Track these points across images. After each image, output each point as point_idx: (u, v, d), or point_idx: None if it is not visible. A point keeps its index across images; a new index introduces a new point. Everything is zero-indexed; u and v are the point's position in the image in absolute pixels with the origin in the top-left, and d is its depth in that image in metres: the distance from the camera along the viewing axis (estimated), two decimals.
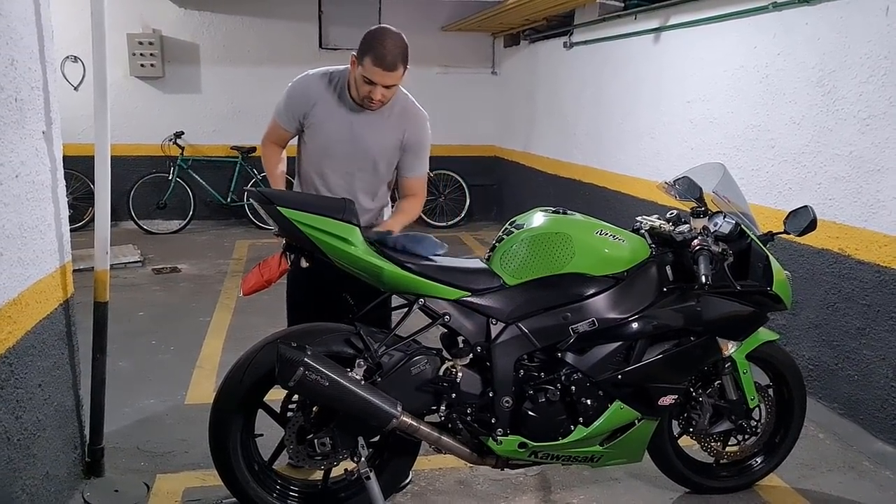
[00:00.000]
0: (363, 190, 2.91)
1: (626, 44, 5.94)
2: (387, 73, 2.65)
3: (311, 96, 2.84)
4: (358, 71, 2.68)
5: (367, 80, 2.67)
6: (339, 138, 2.83)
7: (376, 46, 2.64)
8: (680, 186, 2.80)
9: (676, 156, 5.14)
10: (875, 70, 3.45)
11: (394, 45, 2.66)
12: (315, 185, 2.92)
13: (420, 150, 2.93)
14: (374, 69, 2.63)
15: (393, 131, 2.86)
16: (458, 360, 2.54)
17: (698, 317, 2.64)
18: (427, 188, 3.15)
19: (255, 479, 2.56)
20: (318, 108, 2.82)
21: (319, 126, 2.84)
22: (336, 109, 2.82)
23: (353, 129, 2.82)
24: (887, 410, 3.39)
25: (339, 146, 2.84)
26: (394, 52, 2.65)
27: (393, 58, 2.64)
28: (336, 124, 2.82)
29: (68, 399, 2.81)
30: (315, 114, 2.83)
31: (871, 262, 3.47)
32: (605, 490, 3.05)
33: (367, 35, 2.70)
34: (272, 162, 3.00)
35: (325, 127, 2.83)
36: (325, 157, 2.88)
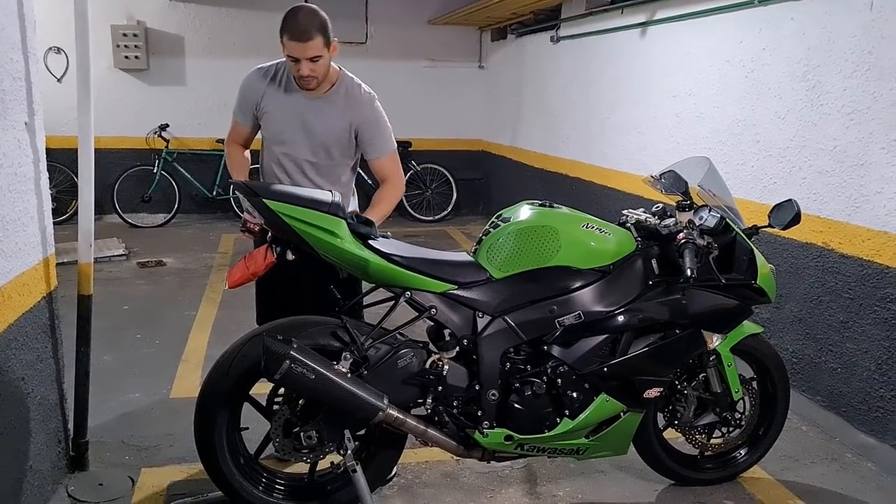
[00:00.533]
0: (321, 176, 2.93)
1: (613, 38, 5.95)
2: (302, 45, 2.65)
3: (259, 88, 2.89)
4: (284, 54, 2.74)
5: (292, 59, 2.70)
6: (289, 126, 2.88)
7: (288, 21, 2.67)
8: (666, 180, 2.81)
9: (662, 150, 5.16)
10: (859, 65, 3.47)
11: (304, 16, 2.67)
12: (274, 173, 2.96)
13: (373, 129, 2.92)
14: (291, 44, 2.66)
15: (340, 115, 2.87)
16: (445, 353, 2.55)
17: (683, 310, 2.65)
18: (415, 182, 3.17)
19: (240, 473, 2.56)
20: (268, 98, 2.88)
21: (271, 115, 2.89)
22: (285, 98, 2.87)
23: (302, 116, 2.86)
24: (869, 403, 3.42)
25: (290, 133, 2.88)
26: (304, 22, 2.66)
27: (304, 27, 2.65)
28: (285, 112, 2.87)
29: (52, 393, 2.79)
30: (265, 104, 2.89)
31: (855, 255, 3.50)
32: (590, 482, 3.06)
33: (283, 15, 2.73)
34: (233, 162, 3.04)
35: (275, 115, 2.89)
36: (278, 145, 2.92)
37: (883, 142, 3.33)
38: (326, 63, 2.79)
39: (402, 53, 8.92)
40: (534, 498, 2.94)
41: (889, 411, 3.32)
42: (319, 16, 2.71)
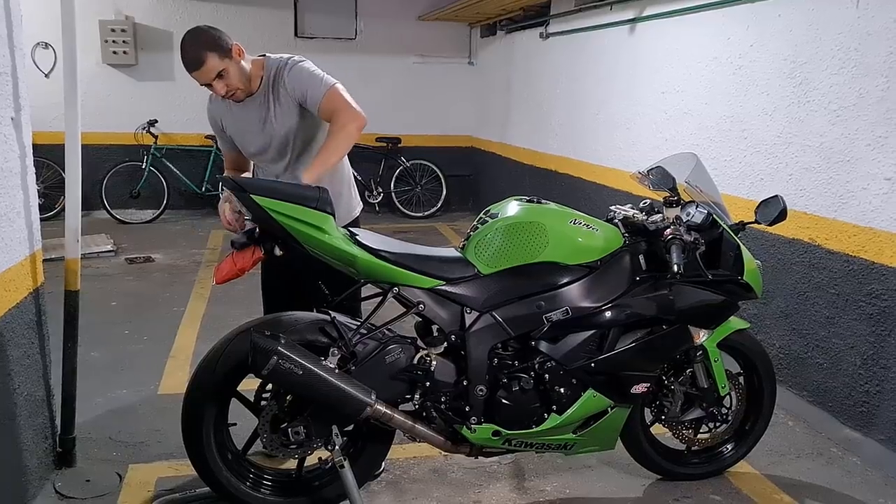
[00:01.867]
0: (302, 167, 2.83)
1: (602, 34, 5.96)
2: (199, 73, 2.66)
3: (217, 113, 2.94)
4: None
5: (202, 84, 2.72)
6: (250, 136, 2.88)
7: (181, 56, 2.68)
8: (653, 176, 2.82)
9: (650, 146, 5.18)
10: (846, 62, 3.49)
11: (189, 45, 2.65)
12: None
13: (309, 88, 2.75)
14: (193, 75, 2.69)
15: (283, 103, 2.81)
16: (433, 349, 2.55)
17: (670, 305, 2.67)
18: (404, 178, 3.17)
19: (228, 469, 2.55)
20: (225, 120, 2.92)
21: (234, 135, 2.93)
22: (237, 114, 2.87)
23: (254, 122, 2.84)
24: (855, 398, 3.45)
25: (254, 142, 2.88)
26: (190, 51, 2.65)
27: (192, 56, 2.64)
28: (241, 126, 2.88)
29: (38, 389, 2.78)
30: (226, 126, 2.94)
31: (841, 251, 3.52)
32: (578, 477, 3.07)
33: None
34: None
35: (236, 133, 2.92)
36: (253, 157, 2.97)
37: (868, 138, 3.36)
38: (237, 71, 2.72)
39: (391, 49, 8.91)
40: (521, 493, 2.95)
41: (874, 406, 3.34)
42: (202, 35, 2.67)
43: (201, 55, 2.63)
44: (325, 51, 8.69)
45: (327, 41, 8.75)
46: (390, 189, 8.83)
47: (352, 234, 2.48)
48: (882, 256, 3.28)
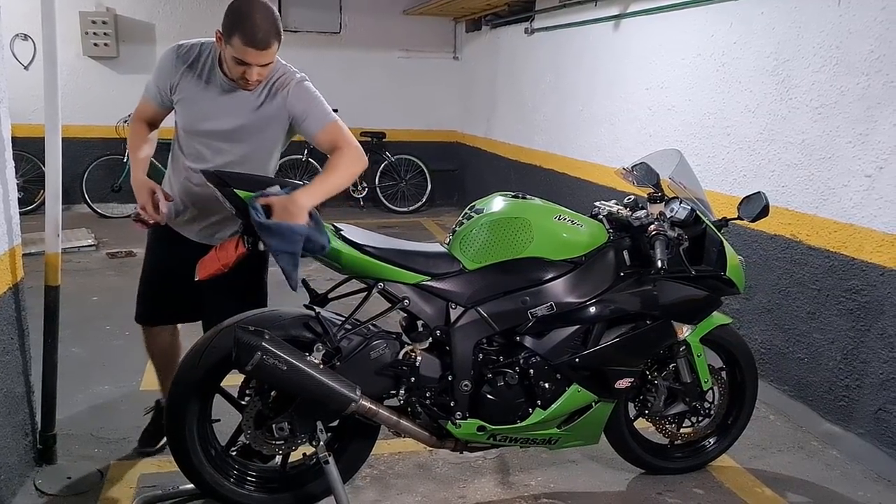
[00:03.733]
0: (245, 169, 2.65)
1: (587, 30, 5.97)
2: (260, 53, 2.40)
3: (177, 68, 2.59)
4: (227, 52, 2.42)
5: (240, 62, 2.41)
6: (210, 119, 2.60)
7: (244, 24, 2.36)
8: (637, 172, 2.83)
9: (635, 142, 5.20)
10: (827, 60, 3.52)
11: (264, 19, 2.38)
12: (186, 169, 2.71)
13: (312, 111, 2.59)
14: (246, 50, 2.37)
15: (272, 112, 2.59)
16: (418, 345, 2.55)
17: (654, 301, 2.68)
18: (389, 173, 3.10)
19: (211, 465, 2.54)
20: (185, 82, 2.58)
21: (188, 103, 2.61)
22: (206, 86, 2.58)
23: (225, 109, 2.57)
24: (835, 392, 3.48)
25: (210, 126, 2.61)
26: (265, 27, 2.38)
27: (265, 35, 2.38)
28: (207, 103, 2.58)
29: (18, 385, 2.75)
30: (182, 88, 2.59)
31: (822, 247, 3.55)
32: (562, 472, 3.09)
33: (231, 9, 2.41)
34: (135, 142, 2.73)
35: (193, 105, 2.60)
36: (195, 138, 2.66)
37: (849, 136, 3.39)
38: (274, 65, 2.56)
39: (376, 44, 8.88)
40: (506, 488, 2.96)
41: (853, 400, 3.38)
42: (275, 16, 2.44)
43: (272, 40, 2.40)
44: (309, 45, 8.64)
45: (311, 35, 8.70)
46: (375, 184, 8.80)
47: (336, 230, 2.47)
48: (862, 252, 3.31)
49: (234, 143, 2.62)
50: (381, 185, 8.83)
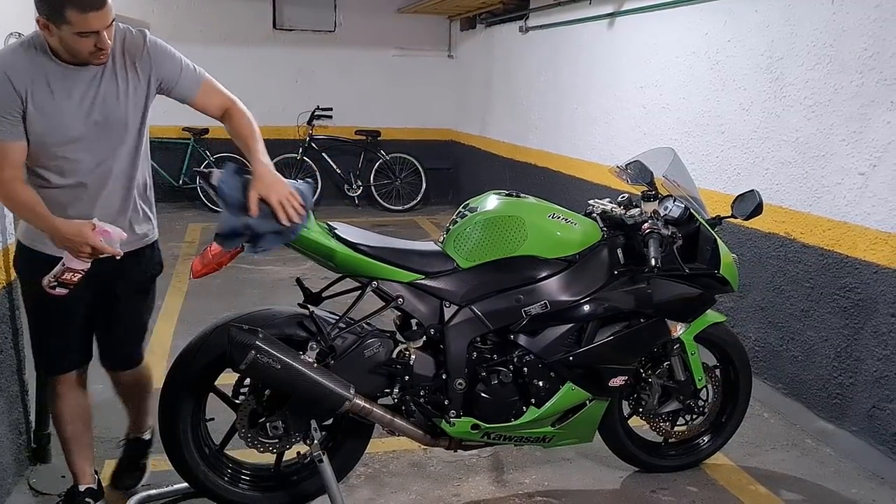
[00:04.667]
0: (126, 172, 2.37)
1: (581, 29, 5.97)
2: (102, 13, 2.05)
3: (20, 82, 2.12)
4: (63, 32, 2.04)
5: (84, 34, 2.05)
6: (74, 116, 2.19)
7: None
8: (631, 171, 2.84)
9: (629, 140, 5.20)
10: (821, 58, 3.53)
11: None
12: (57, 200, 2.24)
13: (182, 71, 2.35)
14: (87, 16, 2.02)
15: (133, 79, 2.26)
16: (412, 343, 2.55)
17: (648, 299, 2.68)
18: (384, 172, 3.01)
19: (205, 464, 2.54)
20: (36, 91, 2.14)
21: (41, 116, 2.15)
22: (53, 86, 2.15)
23: (83, 100, 2.19)
24: (829, 390, 3.49)
25: (77, 124, 2.20)
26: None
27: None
28: (65, 103, 2.17)
29: (12, 384, 2.75)
30: (35, 100, 2.13)
31: (816, 245, 3.56)
32: (556, 470, 3.09)
33: None
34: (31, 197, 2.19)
35: (53, 111, 2.16)
36: (60, 158, 2.22)
37: (843, 133, 3.40)
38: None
39: (371, 42, 8.87)
40: (500, 486, 2.96)
41: (847, 398, 3.39)
42: None
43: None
44: (303, 43, 8.64)
45: (306, 34, 8.69)
46: (370, 182, 8.80)
47: (330, 228, 2.47)
48: (856, 250, 3.32)
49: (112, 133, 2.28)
50: (375, 184, 8.83)
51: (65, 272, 2.18)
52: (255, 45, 8.49)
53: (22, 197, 2.18)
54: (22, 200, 2.18)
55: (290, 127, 8.57)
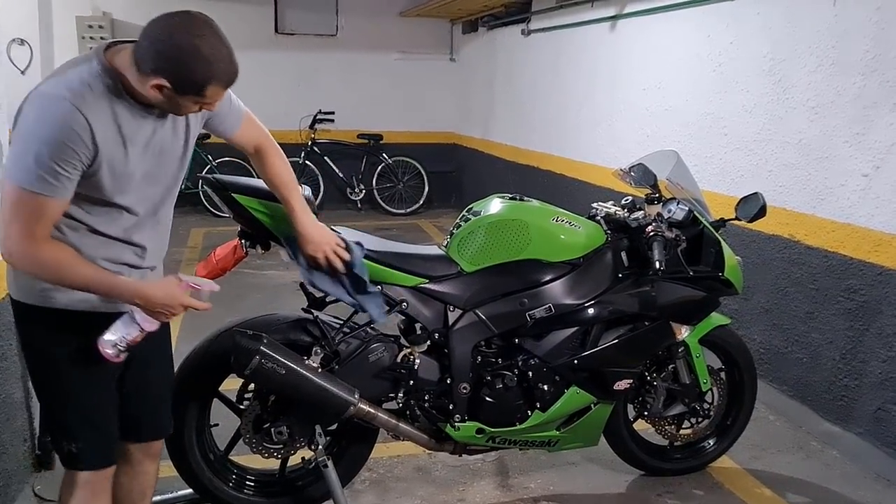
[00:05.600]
0: (167, 213, 2.09)
1: (584, 31, 5.97)
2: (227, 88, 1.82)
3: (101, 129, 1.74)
4: (184, 100, 1.77)
5: (206, 104, 1.81)
6: (136, 169, 1.86)
7: (216, 65, 1.73)
8: (635, 173, 2.83)
9: (632, 143, 5.20)
10: (823, 59, 3.52)
11: (225, 46, 1.77)
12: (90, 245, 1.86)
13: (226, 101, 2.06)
14: (218, 90, 1.78)
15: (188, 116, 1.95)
16: (416, 347, 2.55)
17: (653, 302, 2.68)
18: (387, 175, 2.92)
19: (210, 470, 2.54)
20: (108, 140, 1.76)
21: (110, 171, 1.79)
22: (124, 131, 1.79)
23: (147, 146, 1.87)
24: (834, 392, 3.48)
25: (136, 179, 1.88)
26: (232, 56, 1.78)
27: (234, 68, 1.78)
28: (131, 152, 1.82)
29: (16, 390, 2.74)
30: (106, 154, 1.76)
31: (820, 247, 3.55)
32: (561, 474, 3.08)
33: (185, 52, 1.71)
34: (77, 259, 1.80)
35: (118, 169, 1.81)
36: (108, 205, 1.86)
37: (846, 135, 3.39)
38: None
39: (373, 46, 8.88)
40: (505, 490, 2.96)
41: (853, 400, 3.38)
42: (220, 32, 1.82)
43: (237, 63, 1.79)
44: (306, 47, 8.65)
45: (308, 38, 8.70)
46: (372, 186, 8.80)
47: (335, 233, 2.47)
48: (860, 252, 3.32)
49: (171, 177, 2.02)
50: (378, 187, 8.83)
51: (138, 336, 1.88)
52: (258, 50, 8.49)
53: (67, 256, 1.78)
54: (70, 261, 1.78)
55: (292, 131, 8.58)
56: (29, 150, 1.66)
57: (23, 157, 1.67)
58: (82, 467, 1.99)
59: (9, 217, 1.70)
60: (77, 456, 1.97)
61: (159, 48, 1.71)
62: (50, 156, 1.66)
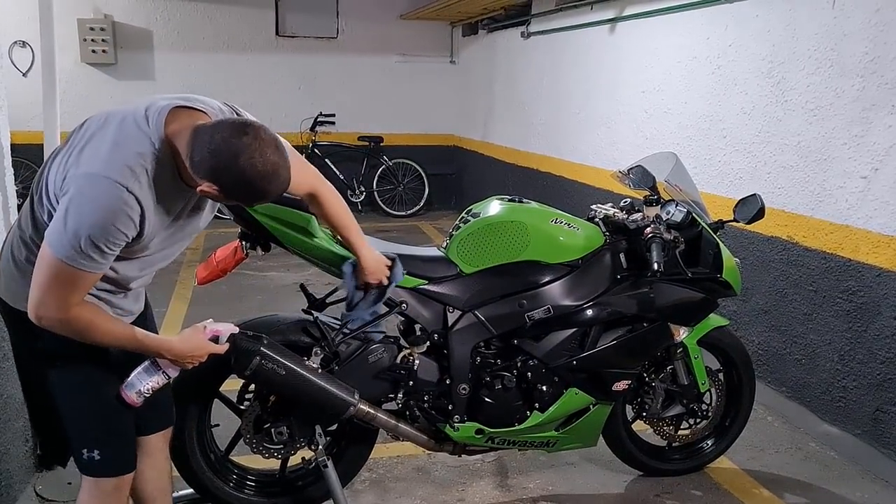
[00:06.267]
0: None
1: (583, 34, 5.99)
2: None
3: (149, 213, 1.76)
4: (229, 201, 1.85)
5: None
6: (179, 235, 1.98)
7: (271, 188, 1.74)
8: (634, 175, 2.84)
9: (631, 145, 5.21)
10: (822, 62, 3.54)
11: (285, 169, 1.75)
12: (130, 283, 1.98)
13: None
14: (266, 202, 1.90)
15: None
16: (416, 348, 2.56)
17: (651, 303, 2.69)
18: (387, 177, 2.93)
19: (211, 470, 2.55)
20: (150, 216, 1.78)
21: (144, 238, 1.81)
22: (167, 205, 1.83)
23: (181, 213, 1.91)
24: (832, 393, 3.49)
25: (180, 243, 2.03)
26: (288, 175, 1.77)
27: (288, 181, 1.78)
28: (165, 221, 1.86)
29: (17, 391, 2.75)
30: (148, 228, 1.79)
31: (818, 249, 3.56)
32: (560, 474, 3.09)
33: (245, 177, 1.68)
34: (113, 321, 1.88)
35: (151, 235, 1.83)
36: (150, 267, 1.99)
37: (845, 137, 3.40)
38: None
39: (373, 48, 8.89)
40: (505, 490, 2.97)
41: (851, 401, 3.39)
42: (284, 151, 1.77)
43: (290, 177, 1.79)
44: (306, 50, 8.66)
45: (309, 40, 8.71)
46: (373, 188, 8.81)
47: (334, 234, 2.48)
48: (858, 254, 3.33)
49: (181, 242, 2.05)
50: (378, 190, 8.84)
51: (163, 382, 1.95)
52: (258, 52, 8.52)
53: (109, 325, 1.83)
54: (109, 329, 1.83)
55: (293, 133, 8.58)
56: (80, 230, 1.66)
57: (72, 236, 1.67)
58: (109, 474, 1.99)
59: (46, 285, 1.71)
60: (100, 463, 1.97)
61: (221, 161, 1.67)
62: (101, 238, 1.68)
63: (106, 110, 1.82)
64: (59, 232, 1.68)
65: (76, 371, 1.92)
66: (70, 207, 1.68)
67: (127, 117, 1.76)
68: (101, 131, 1.76)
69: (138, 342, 1.89)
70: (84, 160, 1.71)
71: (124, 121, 1.76)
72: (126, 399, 1.91)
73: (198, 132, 1.71)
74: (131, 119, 1.76)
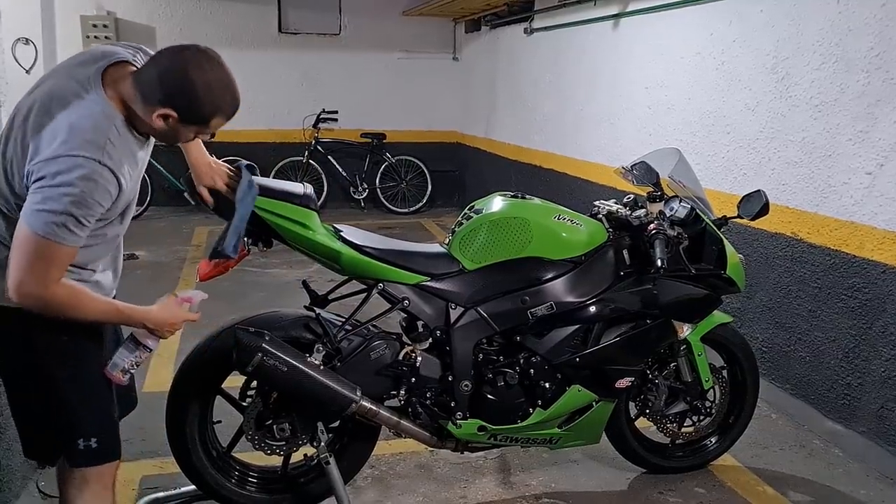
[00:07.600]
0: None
1: (586, 30, 5.97)
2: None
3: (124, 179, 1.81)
4: (187, 129, 1.85)
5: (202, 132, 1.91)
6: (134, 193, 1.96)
7: (224, 99, 1.81)
8: (637, 171, 2.84)
9: (634, 141, 5.19)
10: (827, 57, 3.52)
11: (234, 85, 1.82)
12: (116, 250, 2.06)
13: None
14: (221, 121, 1.86)
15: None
16: (418, 345, 2.56)
17: (654, 300, 2.68)
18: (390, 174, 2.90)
19: (213, 466, 2.55)
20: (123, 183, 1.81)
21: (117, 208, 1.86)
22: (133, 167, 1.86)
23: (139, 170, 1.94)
24: (837, 391, 3.48)
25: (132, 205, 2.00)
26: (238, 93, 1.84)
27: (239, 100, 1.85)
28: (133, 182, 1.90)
29: None
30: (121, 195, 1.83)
31: (823, 245, 3.55)
32: (563, 472, 3.09)
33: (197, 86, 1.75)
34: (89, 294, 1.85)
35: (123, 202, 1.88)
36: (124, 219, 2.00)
37: (849, 133, 3.38)
38: None
39: (376, 45, 8.88)
40: (507, 488, 2.96)
41: (855, 398, 3.38)
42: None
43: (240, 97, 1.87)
44: (309, 46, 8.66)
45: (311, 37, 8.71)
46: (375, 185, 8.81)
47: (336, 231, 2.48)
48: (863, 250, 3.31)
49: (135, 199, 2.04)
50: (381, 186, 8.84)
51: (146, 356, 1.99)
52: (261, 49, 8.51)
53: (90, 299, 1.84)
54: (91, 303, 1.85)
55: (295, 130, 8.59)
56: (58, 206, 1.68)
57: (49, 212, 1.68)
58: (108, 459, 2.02)
59: (26, 264, 1.71)
60: (97, 451, 1.98)
61: (171, 80, 1.75)
62: (78, 213, 1.70)
63: (32, 96, 1.83)
64: (37, 212, 1.69)
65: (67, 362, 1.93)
66: (45, 189, 1.69)
67: (65, 94, 1.78)
68: (44, 116, 1.76)
69: (120, 313, 1.92)
70: (44, 146, 1.72)
71: (65, 98, 1.77)
72: (113, 379, 1.96)
73: (139, 71, 1.79)
74: (72, 94, 1.77)
